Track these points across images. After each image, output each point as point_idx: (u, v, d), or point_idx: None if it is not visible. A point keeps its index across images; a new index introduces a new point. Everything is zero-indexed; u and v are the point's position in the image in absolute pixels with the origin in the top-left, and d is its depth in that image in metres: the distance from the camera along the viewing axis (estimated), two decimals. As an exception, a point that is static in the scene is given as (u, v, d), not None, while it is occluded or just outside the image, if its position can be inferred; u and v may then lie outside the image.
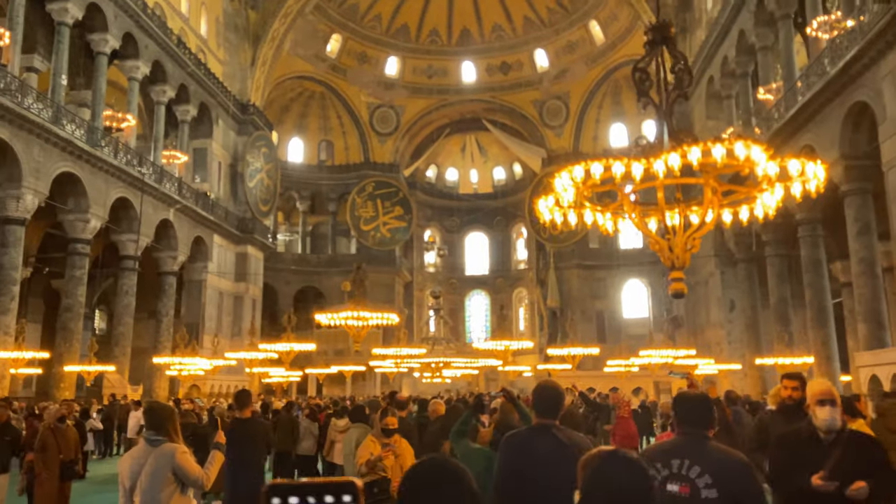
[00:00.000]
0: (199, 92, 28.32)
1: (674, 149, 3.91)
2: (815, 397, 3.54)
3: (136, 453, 3.76)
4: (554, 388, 3.46)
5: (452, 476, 1.76)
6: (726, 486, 2.59)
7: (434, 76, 42.18)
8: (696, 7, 30.51)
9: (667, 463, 2.71)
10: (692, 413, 2.85)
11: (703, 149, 3.70)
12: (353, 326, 11.42)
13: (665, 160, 3.77)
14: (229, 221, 30.57)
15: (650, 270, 38.59)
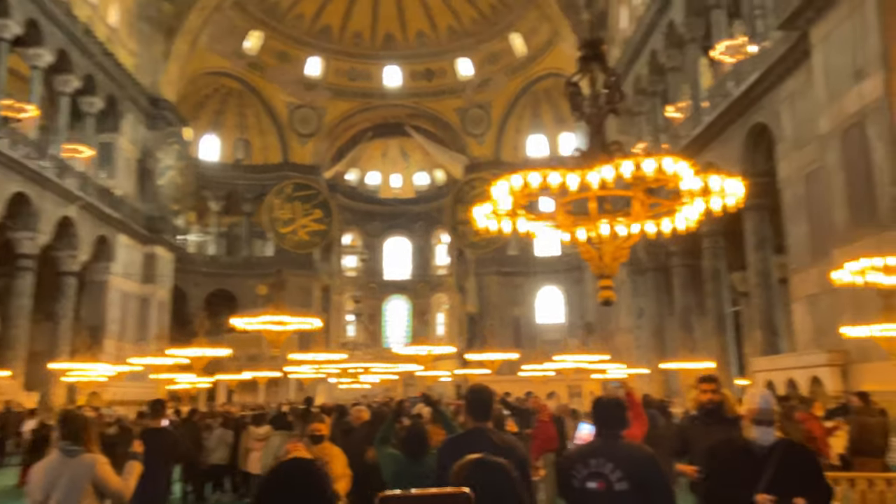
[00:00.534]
0: (108, 84, 26.97)
1: (607, 161, 4.08)
2: (752, 416, 3.44)
3: (49, 464, 3.55)
4: (486, 391, 3.60)
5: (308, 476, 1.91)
6: (635, 478, 3.00)
7: (357, 79, 41.88)
8: (612, 26, 31.70)
9: (586, 463, 3.08)
10: (608, 416, 3.12)
11: (635, 162, 3.89)
12: (271, 331, 11.15)
13: (600, 172, 3.93)
14: (137, 220, 29.21)
15: (565, 277, 39.69)
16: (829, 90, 13.06)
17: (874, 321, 10.24)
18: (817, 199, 14.22)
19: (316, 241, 40.25)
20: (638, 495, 3.01)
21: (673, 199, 4.51)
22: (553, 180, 4.07)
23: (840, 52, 12.63)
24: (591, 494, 3.00)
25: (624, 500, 2.99)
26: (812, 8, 13.19)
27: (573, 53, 34.02)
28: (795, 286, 15.69)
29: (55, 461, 3.53)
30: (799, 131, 15.01)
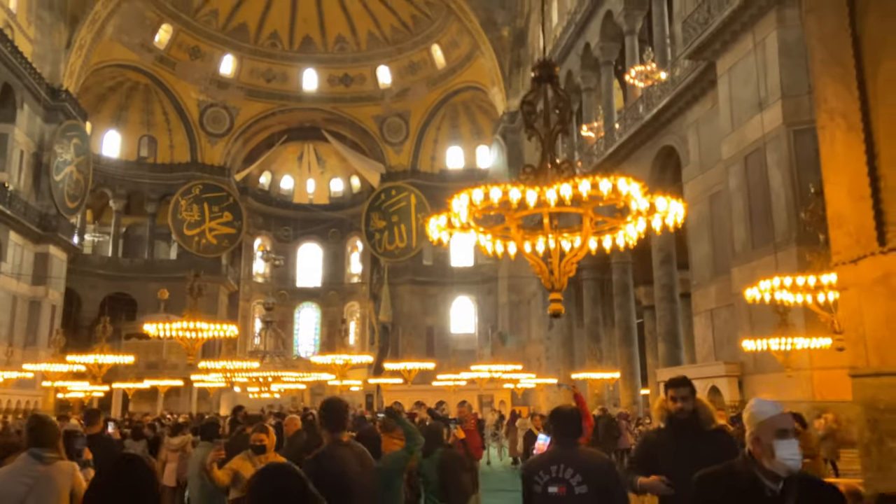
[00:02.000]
0: (3, 70, 25.13)
1: (561, 179, 4.20)
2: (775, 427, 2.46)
3: (16, 471, 3.23)
4: (340, 402, 3.82)
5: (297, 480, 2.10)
6: (594, 482, 3.21)
7: (273, 80, 40.98)
8: (530, 44, 32.64)
9: (547, 469, 3.28)
10: (566, 425, 3.32)
11: (592, 182, 4.05)
12: (186, 339, 10.66)
13: (557, 190, 4.04)
14: (29, 217, 27.26)
15: (478, 288, 40.25)
16: (733, 118, 13.97)
17: (769, 335, 11.01)
18: (719, 220, 15.15)
19: (224, 245, 38.94)
20: (597, 498, 3.21)
21: (618, 217, 4.71)
22: (514, 196, 4.16)
23: (744, 84, 13.54)
24: (553, 499, 3.19)
25: (584, 502, 3.19)
26: (719, 41, 14.08)
27: (492, 68, 34.77)
28: (697, 301, 16.60)
29: (24, 468, 3.24)
30: (704, 155, 15.96)
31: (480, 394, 27.60)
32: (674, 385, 3.87)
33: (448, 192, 24.07)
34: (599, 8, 22.39)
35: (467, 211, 4.55)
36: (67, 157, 29.75)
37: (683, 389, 3.82)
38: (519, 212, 4.48)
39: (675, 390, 3.83)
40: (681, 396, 3.80)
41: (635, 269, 22.05)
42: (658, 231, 4.58)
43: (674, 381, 3.89)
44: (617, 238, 4.83)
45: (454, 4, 34.38)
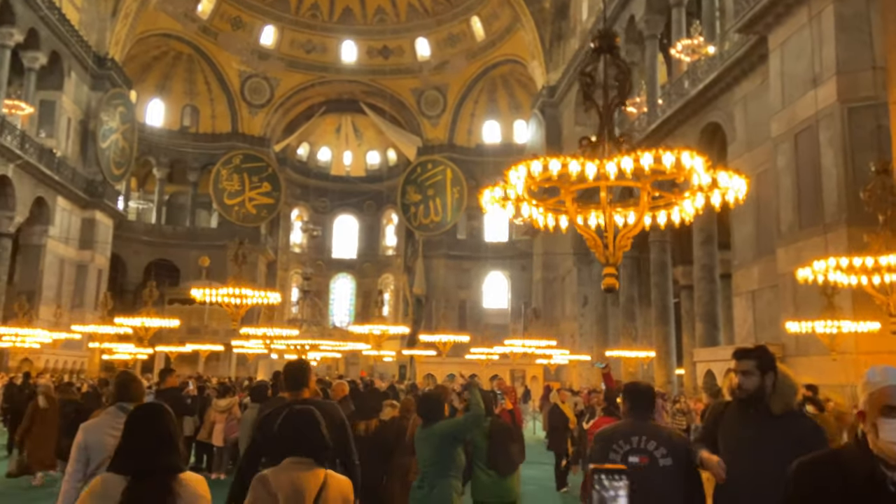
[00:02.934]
0: (51, 39, 25.64)
1: (620, 152, 4.19)
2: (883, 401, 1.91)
3: (107, 423, 3.42)
4: (300, 364, 4.09)
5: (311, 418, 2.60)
6: (678, 456, 3.19)
7: (312, 52, 41.06)
8: (572, 17, 32.04)
9: (627, 439, 3.25)
10: (642, 399, 3.41)
11: (654, 155, 4.02)
12: (230, 305, 10.94)
13: (618, 163, 4.03)
14: (76, 183, 28.00)
15: (512, 264, 40.22)
16: (784, 94, 13.59)
17: (813, 317, 10.84)
18: (765, 200, 14.84)
19: (263, 214, 39.50)
20: (680, 472, 3.17)
21: (675, 192, 4.68)
22: (573, 168, 4.16)
23: (796, 59, 13.15)
24: (634, 467, 3.09)
25: (668, 474, 3.14)
26: (771, 14, 13.66)
27: (532, 40, 34.28)
28: (738, 281, 16.37)
29: (113, 420, 3.41)
30: (751, 133, 15.59)
31: (513, 368, 27.73)
32: (736, 356, 3.21)
33: (484, 167, 24.57)
34: (646, -21, 21.83)
35: (524, 183, 4.57)
36: (113, 124, 30.38)
37: (746, 362, 3.12)
38: (576, 185, 4.48)
39: (737, 362, 3.17)
40: (742, 370, 3.12)
41: (673, 248, 21.78)
42: (717, 207, 4.54)
43: (737, 351, 3.23)
44: (672, 214, 4.80)
45: (496, -25, 33.87)
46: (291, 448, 2.57)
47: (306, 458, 2.55)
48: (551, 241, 30.22)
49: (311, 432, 2.61)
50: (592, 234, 5.03)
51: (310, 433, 2.61)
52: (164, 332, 23.26)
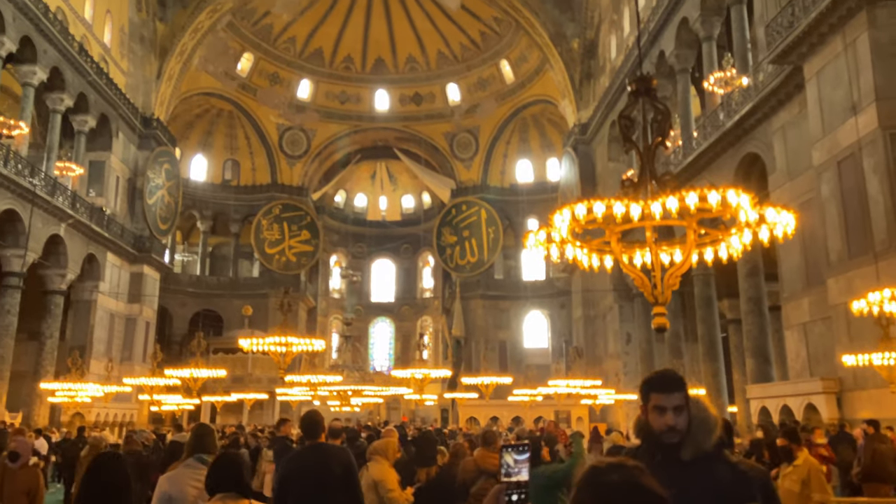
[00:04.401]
0: (100, 102, 26.87)
1: (665, 192, 4.22)
2: None
3: (188, 475, 3.52)
4: (313, 415, 4.54)
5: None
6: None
7: (347, 102, 42.15)
8: (601, 55, 32.36)
9: None
10: None
11: (699, 194, 4.04)
12: (276, 353, 11.10)
13: (663, 203, 4.06)
14: (125, 239, 28.94)
15: (551, 302, 39.88)
16: (824, 123, 13.45)
17: (870, 349, 10.49)
18: (811, 230, 14.54)
19: (303, 262, 40.13)
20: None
21: (721, 228, 4.67)
22: (617, 210, 4.19)
23: (834, 86, 13.04)
24: None
25: None
26: (805, 44, 13.63)
27: (561, 80, 34.64)
28: (788, 314, 15.95)
29: (193, 472, 3.49)
30: (792, 162, 15.40)
31: (557, 409, 27.26)
32: (662, 387, 2.33)
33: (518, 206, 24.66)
34: (674, 15, 22.01)
35: (568, 225, 4.61)
36: (159, 181, 31.46)
37: (678, 396, 2.31)
38: (621, 226, 4.51)
39: (664, 396, 2.30)
40: (673, 406, 2.29)
41: (718, 281, 21.39)
42: (766, 243, 4.51)
43: (662, 380, 2.36)
44: (720, 250, 4.78)
45: (523, 20, 34.52)
46: None
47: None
48: (590, 277, 29.96)
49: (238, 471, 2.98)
50: (639, 274, 5.02)
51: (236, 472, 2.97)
52: (209, 381, 23.61)
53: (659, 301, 4.50)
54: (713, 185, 4.30)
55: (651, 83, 4.92)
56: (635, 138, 5.54)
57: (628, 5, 28.09)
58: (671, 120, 23.86)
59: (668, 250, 4.65)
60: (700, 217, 4.32)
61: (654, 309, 4.58)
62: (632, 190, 4.49)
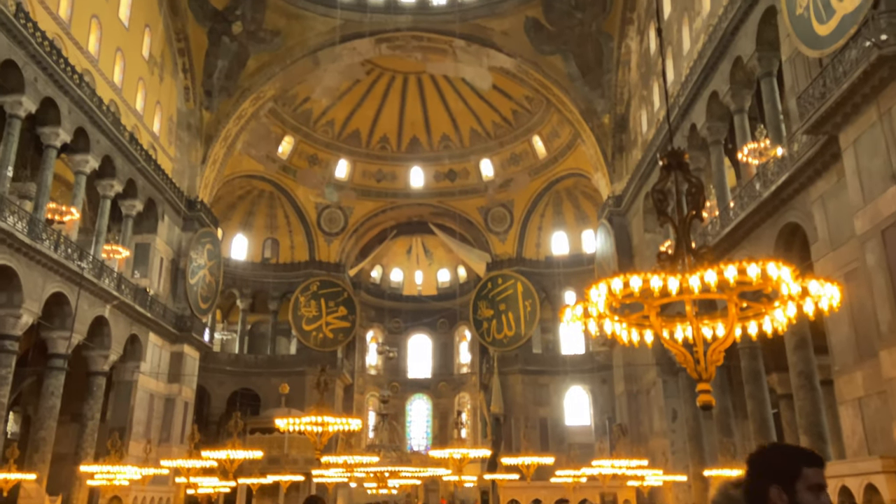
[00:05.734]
0: (147, 187, 28.03)
1: (703, 265, 4.15)
2: None
3: None
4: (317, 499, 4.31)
5: None
6: None
7: (383, 180, 43.17)
8: (632, 129, 32.74)
9: None
10: None
11: (738, 267, 3.98)
12: (313, 433, 10.95)
13: (701, 277, 3.99)
14: (167, 319, 29.49)
15: (591, 377, 38.90)
16: (864, 191, 13.21)
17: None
18: (859, 300, 14.06)
19: (340, 338, 40.20)
20: None
21: (764, 302, 4.55)
22: (655, 284, 4.12)
23: (872, 155, 12.87)
24: None
25: None
26: (839, 114, 13.56)
27: (594, 154, 35.01)
28: (841, 388, 15.22)
29: None
30: (834, 231, 15.07)
31: (603, 492, 26.11)
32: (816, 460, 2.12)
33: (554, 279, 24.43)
34: (704, 89, 22.25)
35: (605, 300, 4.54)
36: (201, 261, 32.27)
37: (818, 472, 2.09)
38: (660, 300, 4.42)
39: (820, 471, 2.09)
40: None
41: (765, 353, 20.67)
42: (811, 316, 4.36)
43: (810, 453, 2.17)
44: (763, 324, 4.63)
45: (553, 97, 35.31)
46: None
47: None
48: (631, 351, 29.26)
49: None
50: (681, 349, 4.88)
51: None
52: (245, 463, 23.35)
53: (703, 378, 4.35)
54: (752, 258, 4.21)
55: (683, 157, 4.93)
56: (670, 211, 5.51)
57: (657, 81, 28.57)
58: (706, 192, 23.78)
59: (709, 324, 4.53)
60: (741, 290, 4.21)
61: (698, 386, 4.42)
62: (668, 263, 4.41)
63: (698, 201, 4.92)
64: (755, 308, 4.71)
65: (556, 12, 33.29)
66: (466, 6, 34.59)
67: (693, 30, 24.83)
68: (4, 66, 18.65)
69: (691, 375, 4.83)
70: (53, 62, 20.37)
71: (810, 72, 15.70)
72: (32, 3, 20.83)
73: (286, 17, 33.40)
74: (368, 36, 34.46)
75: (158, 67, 30.16)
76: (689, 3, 25.19)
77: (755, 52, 18.53)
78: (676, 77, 25.92)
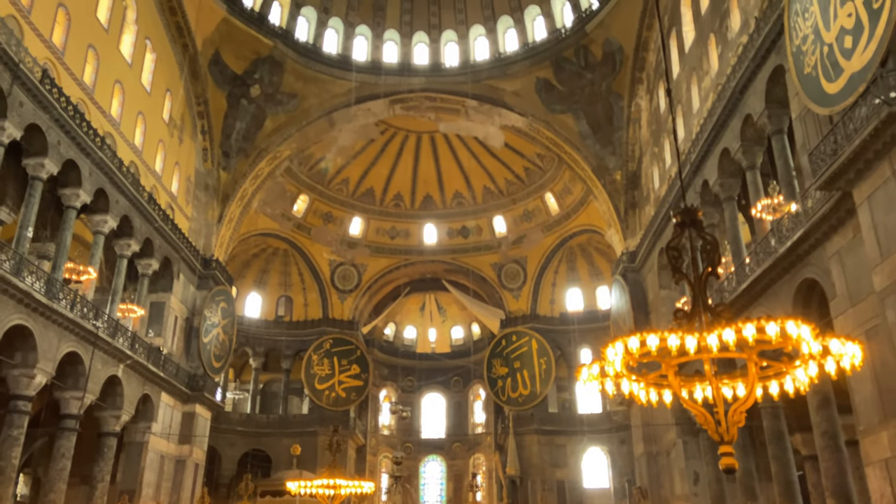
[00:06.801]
0: (164, 246, 28.34)
1: (716, 323, 4.08)
2: None
3: None
4: None
5: None
6: None
7: (396, 237, 43.47)
8: (644, 185, 32.91)
9: None
10: None
11: (756, 325, 3.90)
12: (324, 496, 10.68)
13: (719, 335, 3.91)
14: (180, 378, 29.33)
15: (609, 438, 37.98)
16: (881, 247, 13.07)
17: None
18: (881, 357, 13.73)
19: (352, 398, 39.73)
20: None
21: (785, 361, 4.45)
22: (672, 342, 4.05)
23: (887, 210, 12.79)
24: None
25: None
26: (852, 170, 13.55)
27: (606, 210, 35.12)
28: (866, 449, 14.71)
29: None
30: (852, 287, 14.85)
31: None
32: None
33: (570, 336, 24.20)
34: (715, 146, 22.41)
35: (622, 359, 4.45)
36: (215, 319, 32.30)
37: None
38: (678, 359, 4.33)
39: None
40: None
41: (788, 413, 20.13)
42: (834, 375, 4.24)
43: None
44: (785, 383, 4.51)
45: (565, 155, 35.72)
46: None
47: None
48: (650, 410, 28.60)
49: None
50: (701, 410, 4.76)
51: None
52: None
53: (725, 440, 4.21)
54: (770, 316, 4.13)
55: (696, 215, 4.91)
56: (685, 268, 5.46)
57: (668, 138, 28.87)
58: (720, 249, 23.66)
59: (729, 384, 4.42)
60: (760, 349, 4.12)
61: (720, 448, 4.28)
62: (685, 321, 4.34)
63: (713, 258, 4.87)
64: (776, 367, 4.60)
65: (566, 73, 34.04)
66: (478, 68, 35.46)
67: (702, 88, 25.19)
68: (29, 130, 19.19)
69: (713, 437, 4.70)
70: (76, 126, 20.96)
71: (821, 129, 15.79)
72: (58, 70, 21.60)
73: (303, 80, 34.37)
74: (383, 97, 35.33)
75: (178, 129, 30.95)
76: (696, 62, 25.64)
77: (765, 109, 18.71)
78: (687, 134, 26.18)
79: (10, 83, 17.90)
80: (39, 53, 20.21)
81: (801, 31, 14.97)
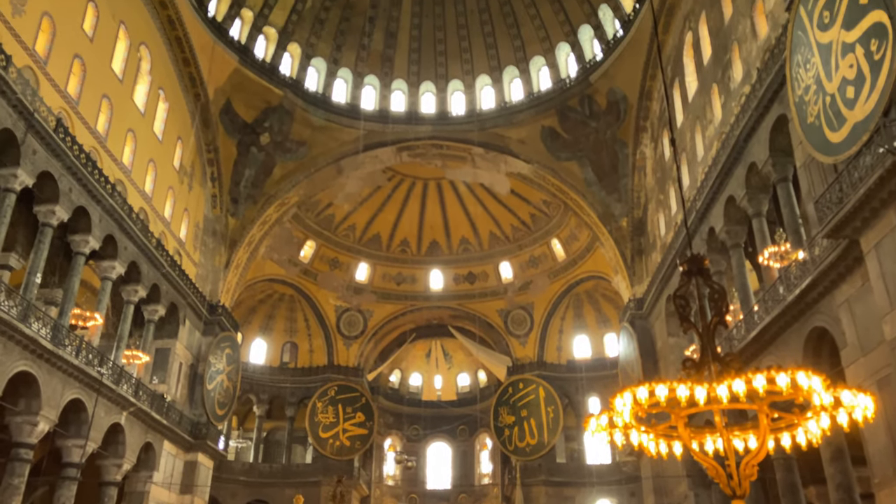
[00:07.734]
0: (171, 292, 28.38)
1: (726, 373, 4.03)
2: None
3: None
4: None
5: None
6: None
7: (402, 283, 43.44)
8: (650, 232, 32.94)
9: None
10: None
11: (767, 376, 3.85)
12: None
13: (729, 386, 3.86)
14: (182, 426, 28.98)
15: (619, 489, 37.11)
16: (890, 295, 12.95)
17: None
18: (893, 407, 13.49)
19: (357, 446, 39.10)
20: None
21: (796, 412, 4.37)
22: (681, 393, 3.99)
23: (895, 259, 12.72)
24: None
25: None
26: (858, 218, 13.54)
27: (613, 257, 35.10)
28: (882, 502, 14.33)
29: None
30: (863, 336, 14.67)
31: None
32: None
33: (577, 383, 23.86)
34: (720, 194, 22.49)
35: (631, 410, 4.38)
36: (220, 366, 32.10)
37: None
38: (687, 409, 4.25)
39: None
40: None
41: (801, 465, 19.65)
42: (846, 427, 4.15)
43: None
44: (797, 435, 4.41)
45: (570, 202, 35.91)
46: None
47: None
48: (660, 462, 27.94)
49: None
50: (712, 463, 4.66)
51: None
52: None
53: (737, 494, 4.11)
54: (780, 367, 4.06)
55: (703, 263, 4.89)
56: (693, 316, 5.41)
57: (673, 186, 29.02)
58: (728, 297, 23.50)
59: (740, 436, 4.33)
60: (771, 400, 4.04)
61: (733, 502, 4.16)
62: (694, 370, 4.28)
63: (721, 307, 4.84)
64: (787, 419, 4.52)
65: (570, 121, 34.50)
66: (484, 116, 36.00)
67: (706, 137, 25.44)
68: (41, 178, 19.46)
69: (724, 491, 4.59)
70: (88, 173, 21.26)
71: (826, 177, 15.85)
72: (72, 118, 22.03)
73: (311, 129, 34.93)
74: (390, 145, 35.83)
75: (188, 177, 31.36)
76: (700, 111, 25.96)
77: (769, 158, 18.83)
78: (692, 182, 26.31)
79: (25, 132, 18.25)
80: (54, 103, 20.65)
81: (803, 82, 15.17)
